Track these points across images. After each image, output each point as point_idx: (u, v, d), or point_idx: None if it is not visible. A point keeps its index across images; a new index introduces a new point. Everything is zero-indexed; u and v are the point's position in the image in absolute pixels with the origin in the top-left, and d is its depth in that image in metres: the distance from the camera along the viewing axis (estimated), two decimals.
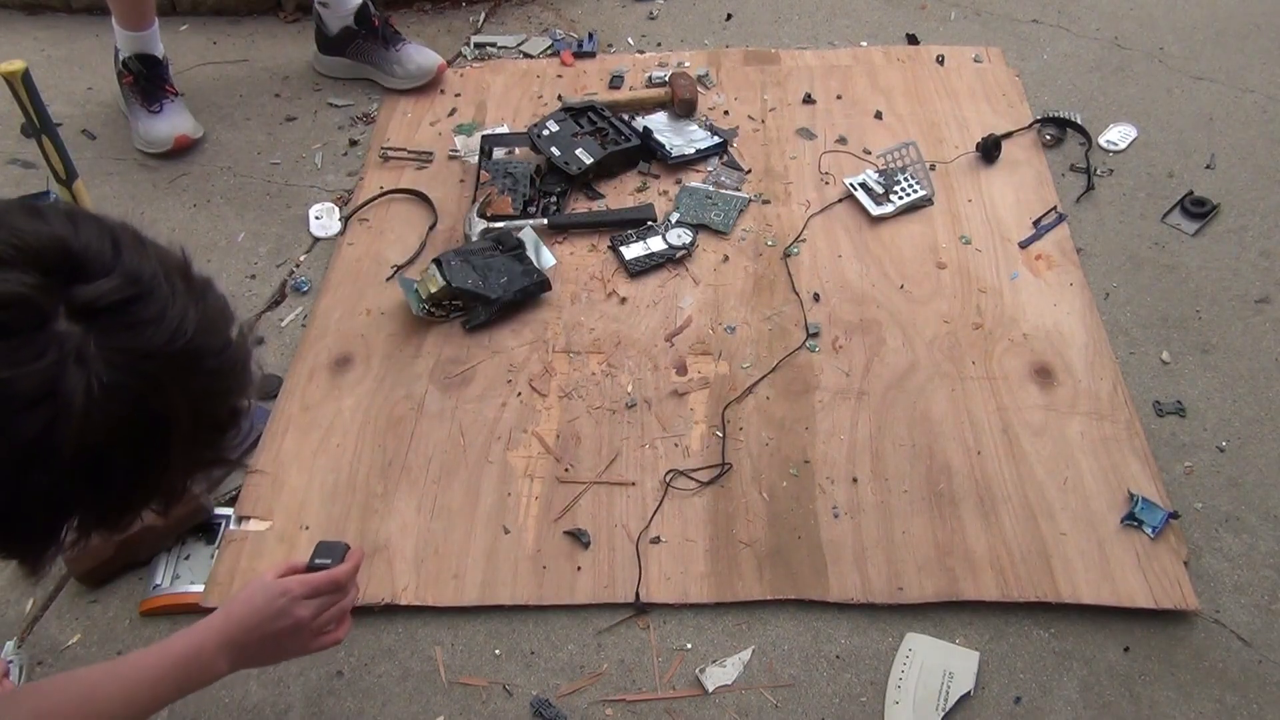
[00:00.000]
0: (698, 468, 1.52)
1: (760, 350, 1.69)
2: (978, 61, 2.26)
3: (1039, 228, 1.87)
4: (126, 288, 0.70)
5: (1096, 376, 1.62)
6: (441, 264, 1.71)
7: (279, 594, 1.07)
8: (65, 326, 0.66)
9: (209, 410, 0.77)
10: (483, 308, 1.71)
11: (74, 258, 0.69)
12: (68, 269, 0.68)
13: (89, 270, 0.69)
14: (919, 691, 1.28)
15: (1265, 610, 1.36)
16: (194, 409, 0.74)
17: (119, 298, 0.69)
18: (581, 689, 1.31)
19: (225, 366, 0.77)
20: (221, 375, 0.77)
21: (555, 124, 2.02)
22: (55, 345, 0.66)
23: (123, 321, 0.69)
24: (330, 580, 1.11)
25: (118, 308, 0.69)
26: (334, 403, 1.63)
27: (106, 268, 0.70)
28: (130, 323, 0.69)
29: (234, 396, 0.80)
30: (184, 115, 2.12)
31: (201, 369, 0.75)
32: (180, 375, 0.72)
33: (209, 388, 0.76)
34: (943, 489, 1.49)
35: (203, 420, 0.76)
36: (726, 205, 1.92)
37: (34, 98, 1.58)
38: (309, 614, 1.08)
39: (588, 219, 1.91)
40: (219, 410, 0.79)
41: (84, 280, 0.68)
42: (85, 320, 0.67)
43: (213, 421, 0.78)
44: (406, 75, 2.20)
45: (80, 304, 0.67)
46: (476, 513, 1.48)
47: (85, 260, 0.69)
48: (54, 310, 0.67)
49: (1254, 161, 2.01)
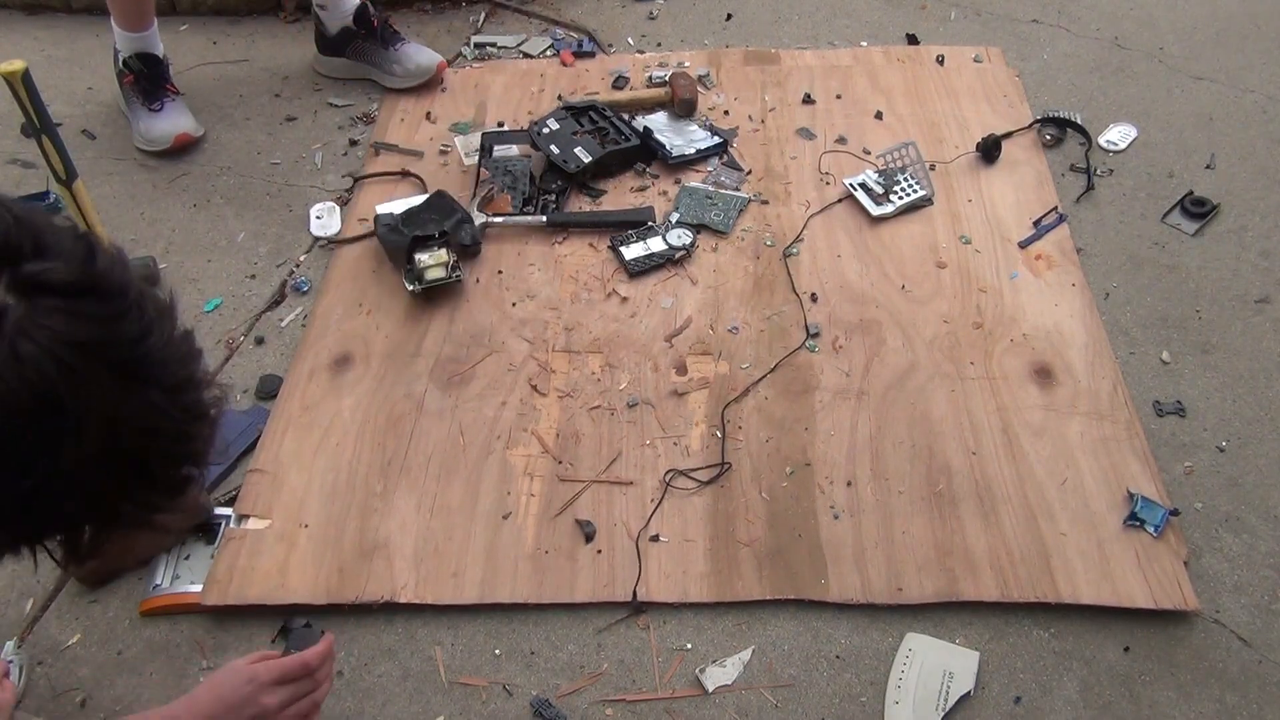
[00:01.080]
0: (697, 467, 1.52)
1: (760, 350, 1.69)
2: (978, 61, 2.26)
3: (1039, 228, 1.87)
4: (79, 276, 0.67)
5: (1096, 376, 1.62)
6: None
7: (246, 681, 1.03)
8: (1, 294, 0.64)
9: (135, 447, 0.71)
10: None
11: (39, 243, 0.67)
12: (30, 251, 0.66)
13: (45, 254, 0.67)
14: (919, 691, 1.28)
15: (1265, 610, 1.36)
16: (113, 434, 0.69)
17: (66, 280, 0.66)
18: (581, 689, 1.31)
19: (176, 411, 0.72)
20: (166, 416, 0.72)
21: (555, 122, 2.02)
22: None
23: (64, 306, 0.66)
24: (300, 664, 1.06)
25: (62, 290, 0.66)
26: (334, 402, 1.63)
27: (66, 257, 0.67)
28: (72, 310, 0.66)
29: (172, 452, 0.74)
30: (184, 114, 2.12)
31: (140, 393, 0.70)
32: (109, 384, 0.67)
33: (144, 421, 0.70)
34: (942, 489, 1.49)
35: (121, 454, 0.70)
36: (726, 205, 1.92)
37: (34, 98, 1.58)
38: (276, 702, 1.04)
39: (586, 219, 1.91)
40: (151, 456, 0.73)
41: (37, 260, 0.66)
42: (24, 294, 0.65)
43: (138, 465, 0.72)
44: (406, 74, 2.20)
45: (23, 276, 0.65)
46: (476, 511, 1.48)
47: (47, 247, 0.67)
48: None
49: (1254, 161, 2.01)
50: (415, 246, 1.75)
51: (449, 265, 1.75)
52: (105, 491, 0.72)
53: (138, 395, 0.70)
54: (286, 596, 1.39)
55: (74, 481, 0.69)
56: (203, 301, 1.82)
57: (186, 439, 0.75)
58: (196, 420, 0.75)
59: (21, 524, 0.72)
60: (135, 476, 0.73)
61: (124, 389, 0.69)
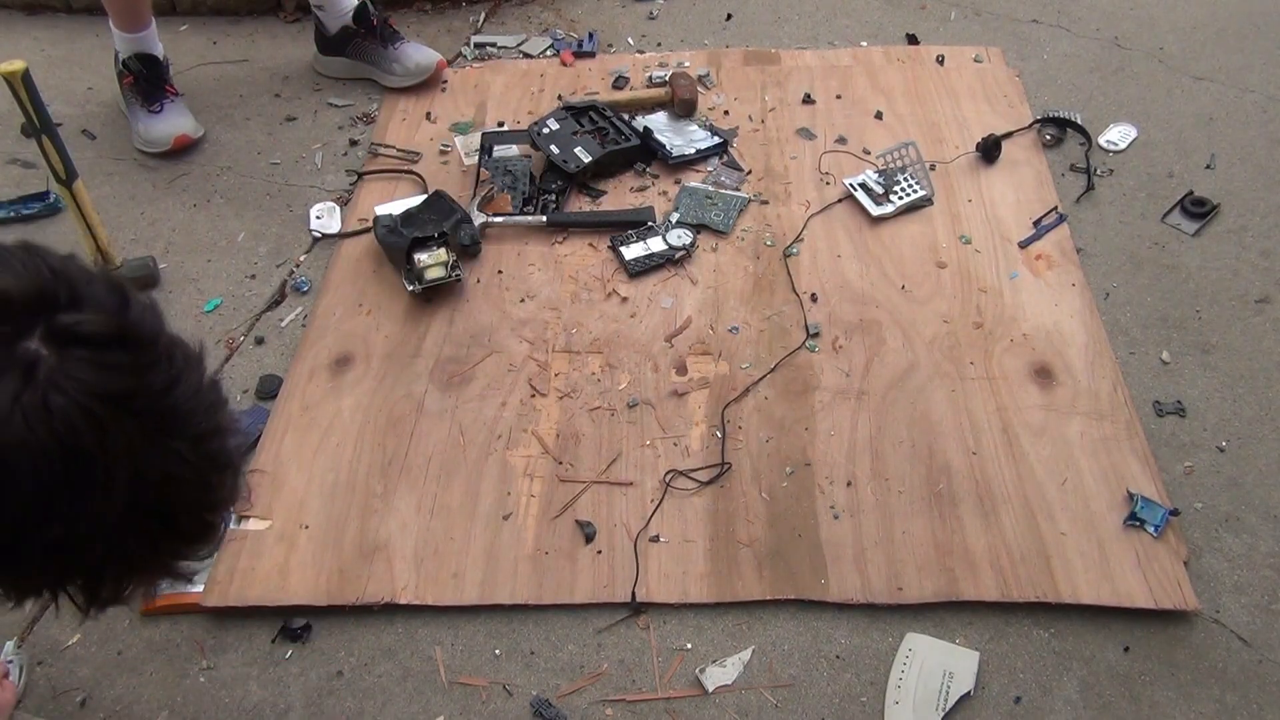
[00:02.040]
0: (697, 468, 1.52)
1: (760, 350, 1.69)
2: (978, 61, 2.26)
3: (1039, 228, 1.87)
4: (111, 327, 0.68)
5: (1096, 376, 1.62)
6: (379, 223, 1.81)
7: None
8: (34, 345, 0.65)
9: (160, 496, 0.72)
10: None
11: (75, 294, 0.68)
12: (66, 301, 0.67)
13: (80, 305, 0.68)
14: (919, 691, 1.28)
15: (1265, 610, 1.36)
16: (139, 484, 0.69)
17: (98, 332, 0.67)
18: (581, 689, 1.31)
19: (202, 461, 0.73)
20: (191, 466, 0.72)
21: (555, 122, 2.02)
22: (14, 351, 0.64)
23: (95, 358, 0.67)
24: None
25: (94, 342, 0.67)
26: (334, 402, 1.63)
27: (101, 308, 0.68)
28: (102, 362, 0.67)
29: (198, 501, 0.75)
30: (184, 115, 2.12)
31: (168, 445, 0.70)
32: (137, 436, 0.68)
33: (169, 470, 0.71)
34: (942, 489, 1.49)
35: (147, 505, 0.71)
36: (726, 205, 1.92)
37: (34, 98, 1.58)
38: None
39: (586, 219, 1.91)
40: (175, 505, 0.73)
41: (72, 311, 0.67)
42: (57, 345, 0.66)
43: (162, 513, 0.73)
44: (406, 73, 2.20)
45: (58, 328, 0.66)
46: (476, 512, 1.48)
47: (82, 297, 0.68)
48: (30, 328, 0.65)
49: (1254, 161, 2.01)
50: (414, 247, 1.75)
51: (448, 265, 1.75)
52: (129, 540, 0.72)
53: (164, 445, 0.70)
54: (287, 597, 1.39)
55: (99, 530, 0.69)
56: (203, 301, 1.82)
57: (211, 488, 0.76)
58: (220, 469, 0.76)
59: (45, 571, 0.72)
60: (159, 525, 0.73)
61: (151, 440, 0.69)
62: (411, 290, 1.75)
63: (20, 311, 0.66)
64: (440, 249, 1.76)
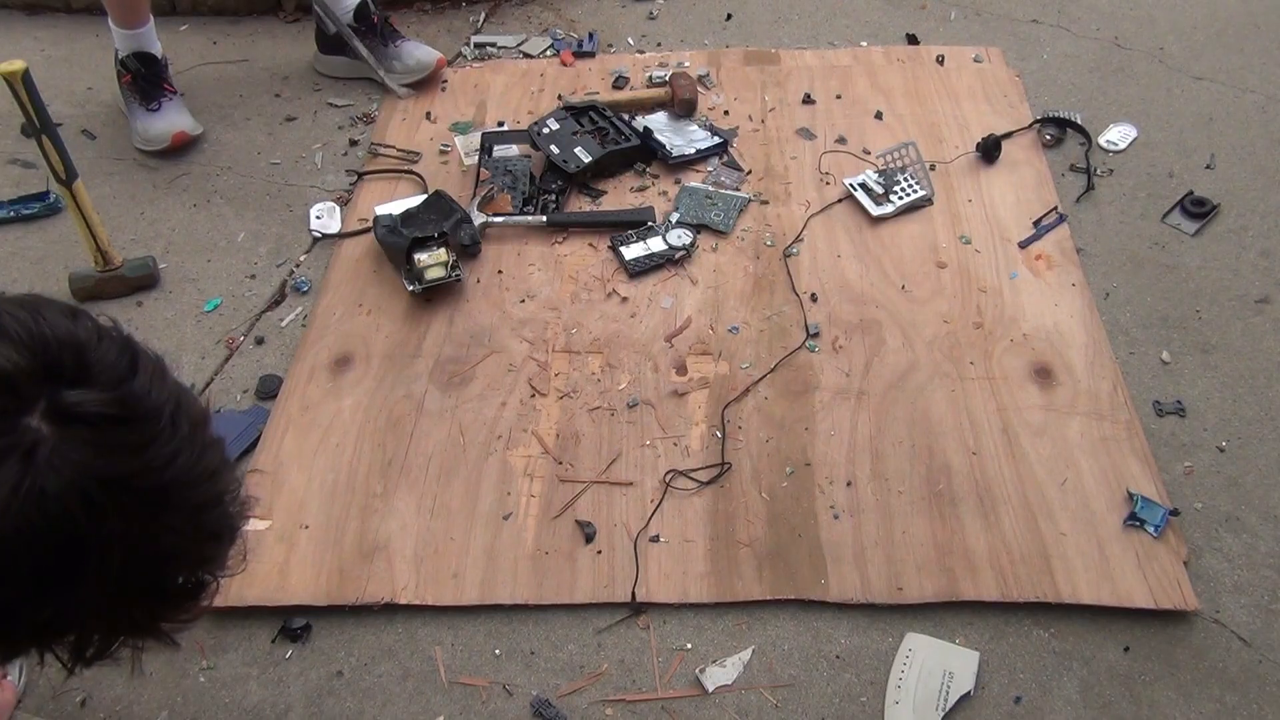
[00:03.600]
0: (698, 468, 1.52)
1: (760, 350, 1.69)
2: (978, 61, 2.26)
3: (1039, 228, 1.87)
4: (115, 407, 0.66)
5: (1096, 376, 1.62)
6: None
7: None
8: (35, 422, 0.63)
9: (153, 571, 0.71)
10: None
11: (81, 362, 0.66)
12: (70, 371, 0.65)
13: (89, 380, 0.66)
14: (919, 691, 1.28)
15: (1265, 610, 1.36)
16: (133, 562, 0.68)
17: (102, 413, 0.66)
18: (581, 689, 1.31)
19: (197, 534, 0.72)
20: (188, 540, 0.71)
21: (555, 122, 2.02)
22: (13, 433, 0.62)
23: (96, 438, 0.65)
24: None
25: (97, 422, 0.65)
26: (334, 402, 1.63)
27: (107, 384, 0.66)
28: (103, 442, 0.65)
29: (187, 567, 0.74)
30: (182, 113, 2.12)
31: (161, 519, 0.69)
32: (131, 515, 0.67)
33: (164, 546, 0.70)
34: (942, 489, 1.49)
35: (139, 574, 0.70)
36: (726, 205, 1.92)
37: (34, 98, 1.58)
38: None
39: (586, 219, 1.91)
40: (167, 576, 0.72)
41: (77, 387, 0.65)
42: (58, 424, 0.64)
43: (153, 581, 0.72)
44: (406, 71, 2.20)
45: (60, 406, 0.64)
46: (476, 512, 1.48)
47: (89, 369, 0.66)
48: (32, 403, 0.63)
49: (1254, 161, 2.01)
50: (414, 247, 1.75)
51: (448, 265, 1.75)
52: (120, 611, 0.72)
53: (161, 522, 0.69)
54: (286, 597, 1.39)
55: (90, 608, 0.69)
56: (203, 301, 1.82)
57: (205, 558, 0.75)
58: (216, 538, 0.75)
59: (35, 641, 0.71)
60: (151, 595, 0.73)
61: (148, 518, 0.68)
62: (412, 290, 1.75)
63: (23, 386, 0.64)
64: (440, 249, 1.76)
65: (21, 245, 1.93)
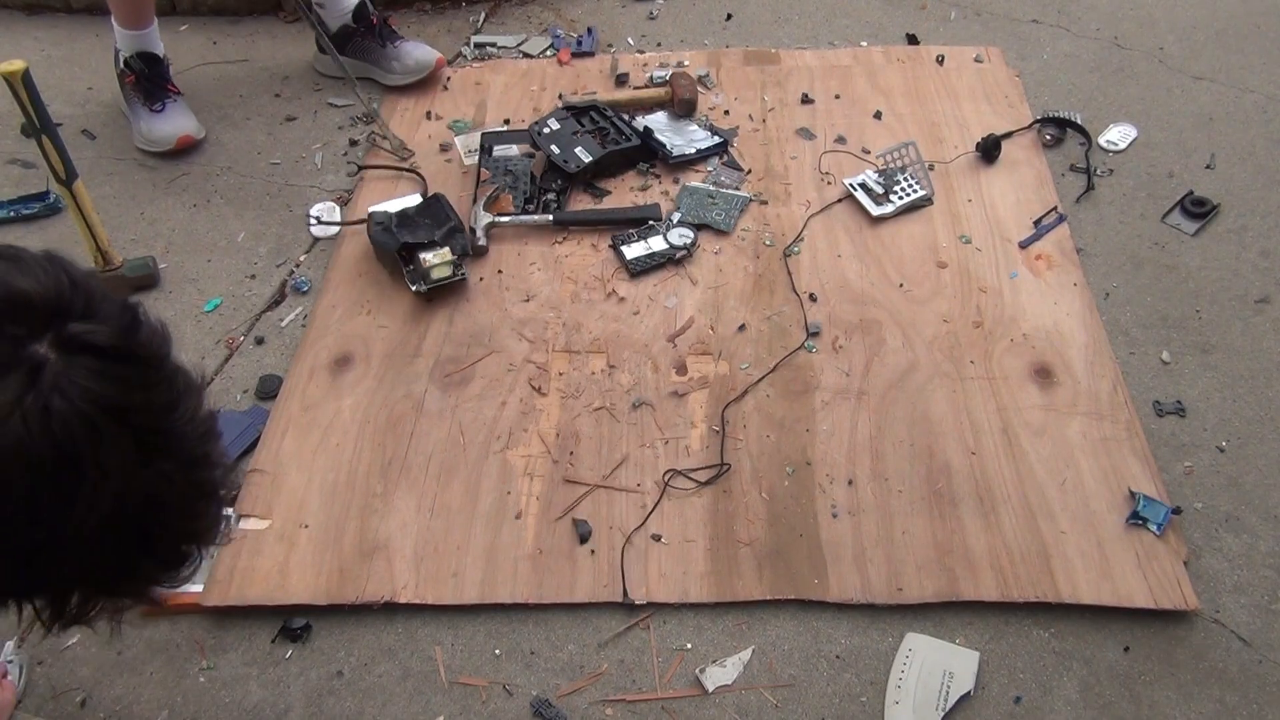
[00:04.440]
0: (697, 468, 1.52)
1: (760, 350, 1.68)
2: (978, 61, 2.26)
3: (1039, 228, 1.87)
4: (120, 341, 0.69)
5: (1096, 376, 1.62)
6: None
7: None
8: (43, 349, 0.66)
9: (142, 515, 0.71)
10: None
11: (90, 304, 0.68)
12: (80, 310, 0.68)
13: (93, 316, 0.68)
14: (919, 691, 1.28)
15: (1265, 610, 1.36)
16: (124, 498, 0.69)
17: (107, 343, 0.68)
18: (581, 689, 1.31)
19: (188, 487, 0.73)
20: (179, 492, 0.73)
21: (556, 122, 2.02)
22: (22, 352, 0.65)
23: (100, 368, 0.67)
24: None
25: (102, 352, 0.68)
26: (334, 402, 1.63)
27: (111, 321, 0.69)
28: (107, 373, 0.67)
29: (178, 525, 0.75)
30: (187, 115, 2.12)
31: (156, 462, 0.70)
32: (128, 449, 0.68)
33: (154, 490, 0.71)
34: (942, 489, 1.49)
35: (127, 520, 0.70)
36: (728, 204, 1.92)
37: (34, 98, 1.58)
38: None
39: (593, 216, 1.91)
40: (155, 524, 0.73)
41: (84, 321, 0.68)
42: (65, 351, 0.66)
43: (141, 531, 0.72)
44: (405, 70, 2.21)
45: (68, 334, 0.67)
46: (476, 511, 1.48)
47: (96, 310, 0.69)
48: (42, 330, 0.66)
49: (1254, 161, 2.01)
50: (418, 248, 1.75)
51: (454, 263, 1.75)
52: (105, 556, 0.72)
53: (155, 464, 0.71)
54: (286, 597, 1.39)
55: (78, 542, 0.69)
56: (203, 301, 1.82)
57: (193, 515, 0.76)
58: (205, 498, 0.76)
59: (17, 578, 0.72)
60: (137, 546, 0.73)
61: (143, 456, 0.70)
62: (416, 290, 1.75)
63: (35, 315, 0.67)
64: (445, 248, 1.76)
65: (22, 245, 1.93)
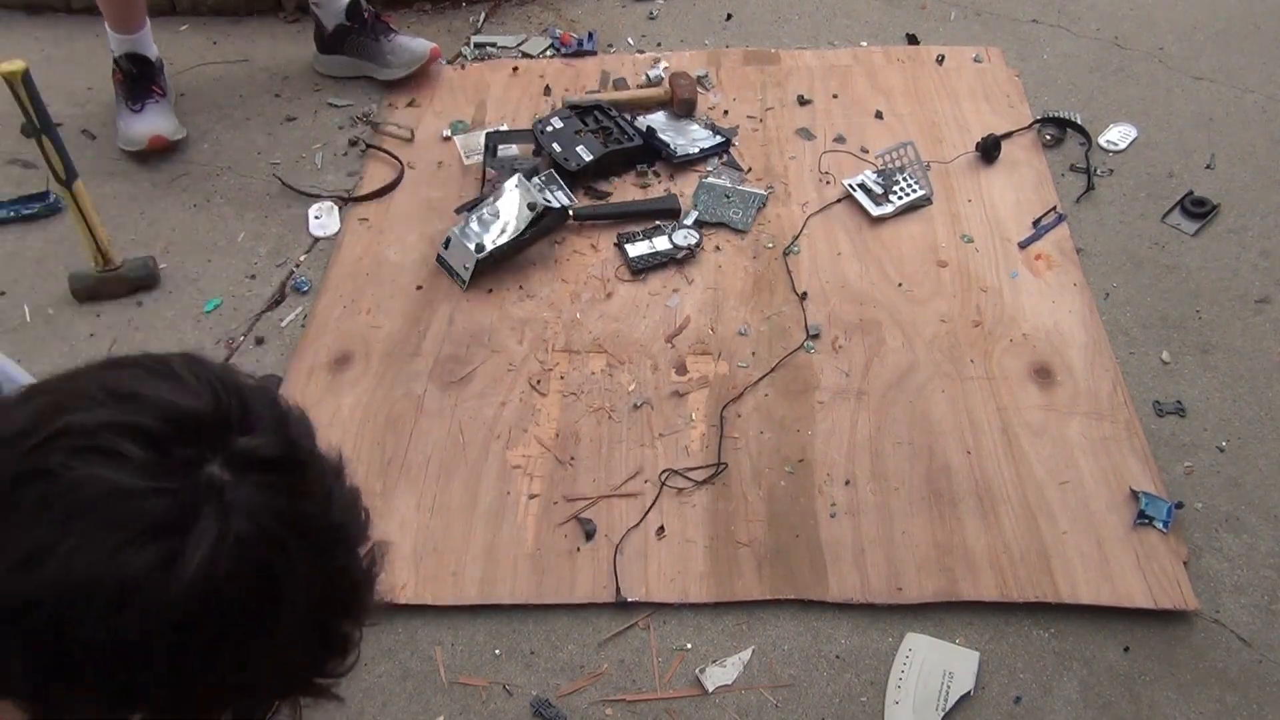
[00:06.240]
0: (695, 467, 1.52)
1: (760, 350, 1.68)
2: (978, 61, 2.26)
3: (1039, 228, 1.87)
4: (284, 448, 0.67)
5: (1096, 376, 1.62)
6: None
7: None
8: (218, 470, 0.63)
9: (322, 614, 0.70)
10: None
11: (246, 409, 0.67)
12: (238, 418, 0.66)
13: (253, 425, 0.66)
14: (919, 691, 1.28)
15: (1265, 610, 1.36)
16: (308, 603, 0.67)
17: (275, 455, 0.66)
18: (581, 689, 1.31)
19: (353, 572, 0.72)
20: (347, 578, 0.72)
21: (559, 120, 2.02)
22: (203, 481, 0.62)
23: (273, 481, 0.65)
24: None
25: (272, 466, 0.66)
26: (333, 401, 1.63)
27: (269, 429, 0.67)
28: (280, 485, 0.66)
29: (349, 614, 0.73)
30: (165, 117, 2.10)
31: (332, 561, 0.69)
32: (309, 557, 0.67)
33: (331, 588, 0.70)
34: (942, 489, 1.48)
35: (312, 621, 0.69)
36: (745, 203, 1.92)
37: (34, 98, 1.58)
38: None
39: (613, 210, 1.91)
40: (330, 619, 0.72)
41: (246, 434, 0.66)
42: (238, 470, 0.64)
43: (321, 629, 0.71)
44: (400, 64, 2.21)
45: (237, 451, 0.64)
46: (476, 511, 1.48)
47: (253, 415, 0.67)
48: (214, 450, 0.63)
49: (1254, 161, 2.01)
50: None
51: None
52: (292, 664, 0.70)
53: (336, 560, 0.70)
54: None
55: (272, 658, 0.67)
56: (203, 301, 1.82)
57: (362, 600, 0.74)
58: (369, 579, 0.75)
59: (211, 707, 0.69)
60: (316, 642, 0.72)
61: (326, 557, 0.68)
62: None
63: (203, 434, 0.64)
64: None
65: (21, 245, 1.93)
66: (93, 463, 0.60)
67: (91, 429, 0.61)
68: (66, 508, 0.59)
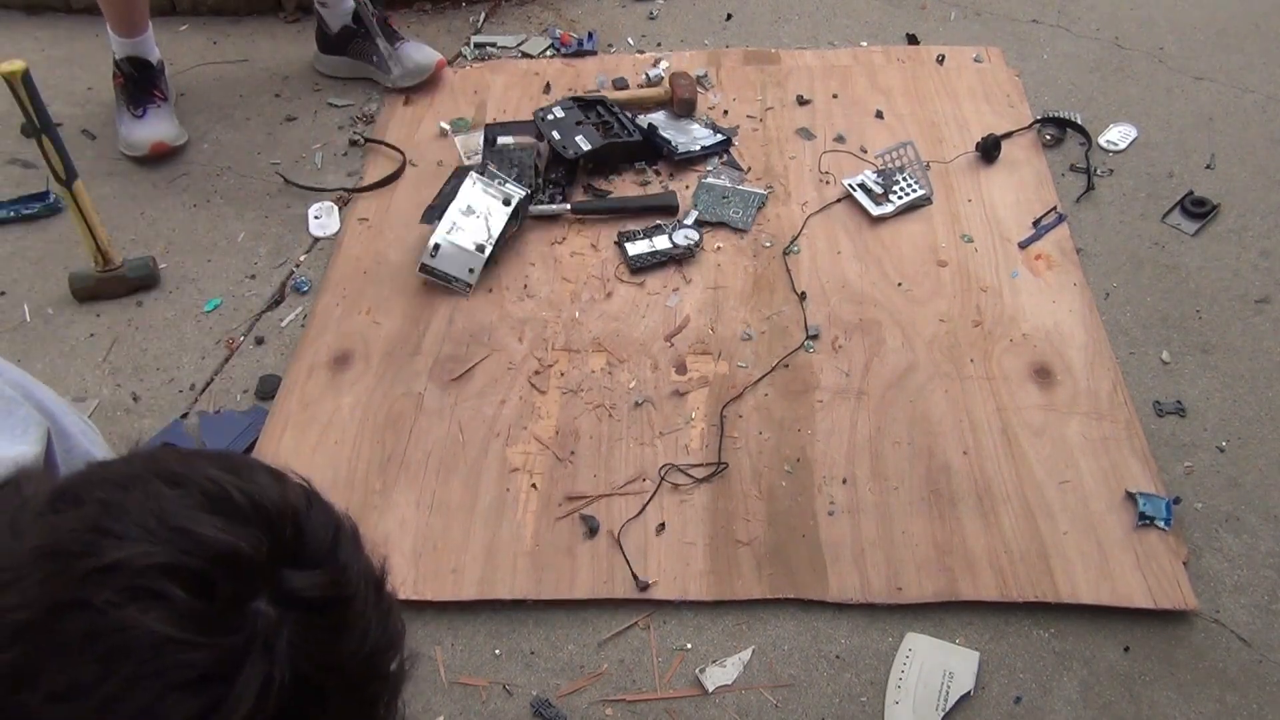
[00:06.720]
0: (694, 465, 1.52)
1: (760, 350, 1.68)
2: (978, 61, 2.26)
3: (1039, 228, 1.87)
4: (333, 587, 0.64)
5: (1096, 376, 1.62)
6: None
7: None
8: (265, 608, 0.59)
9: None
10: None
11: (299, 536, 0.63)
12: (291, 546, 0.63)
13: (305, 555, 0.63)
14: (919, 691, 1.28)
15: (1265, 610, 1.36)
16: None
17: (323, 595, 0.63)
18: (581, 689, 1.31)
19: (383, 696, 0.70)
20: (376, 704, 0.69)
21: (561, 110, 2.03)
22: (250, 624, 0.59)
23: (319, 621, 0.62)
24: None
25: (319, 605, 0.62)
26: (333, 400, 1.63)
27: (320, 559, 0.64)
28: (325, 625, 0.62)
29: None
30: (167, 122, 2.09)
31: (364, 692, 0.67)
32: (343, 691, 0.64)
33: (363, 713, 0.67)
34: (942, 489, 1.48)
35: None
36: (745, 202, 1.92)
37: (34, 98, 1.58)
38: None
39: (612, 204, 1.91)
40: None
41: (297, 565, 0.62)
42: (284, 608, 0.60)
43: None
44: (405, 73, 2.20)
45: (286, 589, 0.61)
46: (475, 508, 1.48)
47: (305, 543, 0.64)
48: (263, 586, 0.60)
49: (1254, 161, 2.01)
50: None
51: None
52: None
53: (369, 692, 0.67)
54: None
55: None
56: (203, 301, 1.82)
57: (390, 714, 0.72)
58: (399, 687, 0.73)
59: None
60: None
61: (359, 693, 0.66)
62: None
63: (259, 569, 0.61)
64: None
65: (21, 245, 1.93)
66: (139, 605, 0.58)
67: (140, 569, 0.59)
68: (110, 649, 0.57)
